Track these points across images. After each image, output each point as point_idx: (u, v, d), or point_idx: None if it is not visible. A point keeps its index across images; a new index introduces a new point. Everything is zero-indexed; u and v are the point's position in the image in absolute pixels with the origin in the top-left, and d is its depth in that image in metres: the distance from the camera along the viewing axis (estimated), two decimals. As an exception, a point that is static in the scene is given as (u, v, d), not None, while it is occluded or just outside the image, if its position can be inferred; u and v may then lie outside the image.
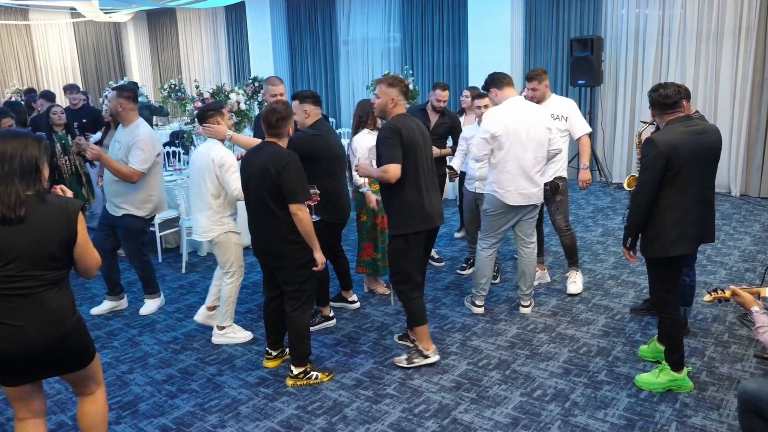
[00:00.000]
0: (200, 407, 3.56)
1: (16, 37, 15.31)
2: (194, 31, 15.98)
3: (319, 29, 13.24)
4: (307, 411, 3.47)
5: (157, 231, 6.17)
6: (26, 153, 2.33)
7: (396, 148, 3.61)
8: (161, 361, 4.16)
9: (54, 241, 2.35)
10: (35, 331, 2.35)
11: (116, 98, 4.60)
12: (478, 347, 4.18)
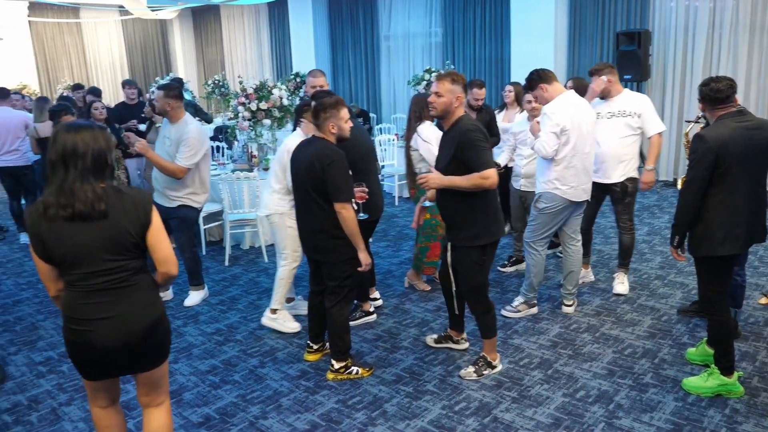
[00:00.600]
0: (242, 398, 3.62)
1: (68, 34, 15.77)
2: (237, 28, 16.19)
3: (360, 24, 13.26)
4: (348, 405, 3.49)
5: (202, 224, 6.28)
6: (96, 146, 2.29)
7: (489, 150, 3.43)
8: (205, 351, 4.24)
9: (135, 230, 2.34)
10: (131, 318, 2.36)
11: (163, 98, 4.70)
12: (519, 346, 4.13)
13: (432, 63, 11.98)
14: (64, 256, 2.28)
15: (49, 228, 2.26)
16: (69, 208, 2.23)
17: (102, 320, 2.32)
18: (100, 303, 2.33)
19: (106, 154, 2.32)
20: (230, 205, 6.10)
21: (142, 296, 2.41)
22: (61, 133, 2.28)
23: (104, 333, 2.33)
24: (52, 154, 2.27)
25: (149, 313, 2.42)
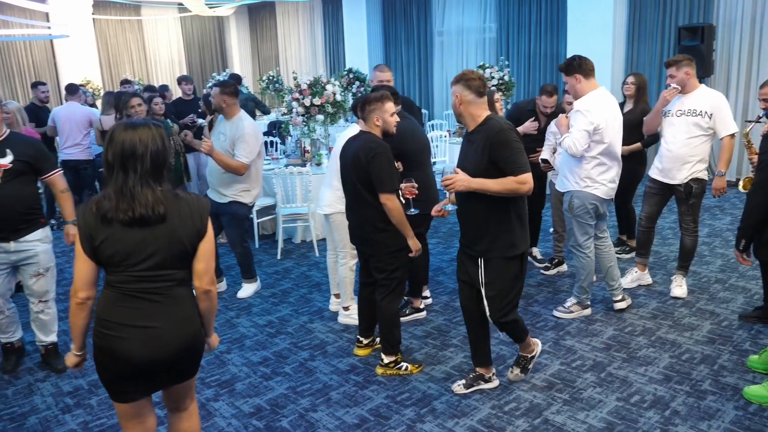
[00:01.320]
0: (293, 390, 3.67)
1: (130, 31, 16.29)
2: (292, 24, 16.39)
3: (413, 20, 13.23)
4: (396, 401, 3.50)
5: (255, 218, 6.39)
6: (154, 147, 2.20)
7: (524, 153, 3.12)
8: (257, 343, 4.32)
9: (189, 237, 2.26)
10: (171, 332, 2.25)
11: (219, 94, 4.81)
12: (572, 347, 4.06)
13: (486, 59, 11.86)
14: (112, 256, 2.20)
15: (103, 229, 2.18)
16: (129, 212, 2.16)
17: (136, 328, 2.21)
18: (137, 310, 2.22)
19: (164, 155, 2.25)
20: (283, 200, 6.20)
21: (181, 311, 2.30)
22: (119, 132, 2.21)
23: (136, 343, 2.21)
24: (109, 155, 2.19)
25: (187, 329, 2.31)
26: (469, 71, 3.23)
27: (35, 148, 3.72)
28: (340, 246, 4.40)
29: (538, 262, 5.64)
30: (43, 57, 14.92)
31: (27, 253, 3.74)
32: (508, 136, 3.07)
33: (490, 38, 12.12)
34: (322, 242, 6.52)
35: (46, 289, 3.88)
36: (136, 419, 2.39)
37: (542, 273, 5.47)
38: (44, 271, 3.83)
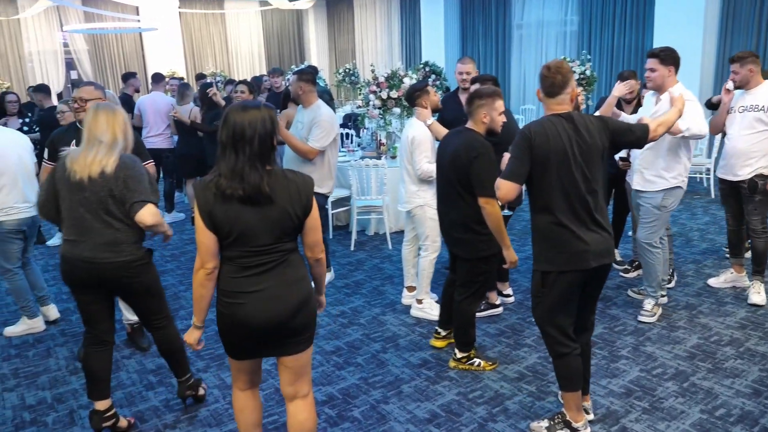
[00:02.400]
0: (365, 381, 3.70)
1: (213, 24, 16.83)
2: (369, 17, 16.49)
3: (492, 12, 13.04)
4: (468, 398, 3.47)
5: (330, 209, 6.48)
6: (262, 129, 2.29)
7: (520, 161, 2.83)
8: (330, 333, 4.39)
9: (297, 214, 2.38)
10: (285, 292, 2.39)
11: (297, 81, 4.89)
12: (652, 354, 3.90)
13: (567, 53, 11.56)
14: (230, 233, 2.33)
15: (221, 206, 2.31)
16: (239, 191, 2.27)
17: (254, 293, 2.36)
18: (253, 277, 2.37)
19: (273, 137, 2.34)
20: (358, 192, 6.25)
21: (293, 273, 2.43)
22: (232, 113, 2.31)
23: (256, 307, 2.36)
24: (223, 135, 2.31)
25: (299, 290, 2.43)
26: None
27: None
28: (423, 238, 4.41)
29: (618, 264, 5.45)
30: (133, 49, 15.64)
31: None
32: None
33: (571, 31, 11.80)
34: (396, 235, 6.54)
35: None
36: (246, 374, 2.61)
37: (621, 275, 5.29)
38: None
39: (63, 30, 14.38)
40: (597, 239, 2.85)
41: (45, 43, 14.39)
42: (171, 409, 3.49)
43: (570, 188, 2.79)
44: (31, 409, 3.54)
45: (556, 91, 2.84)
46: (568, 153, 2.76)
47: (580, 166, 2.78)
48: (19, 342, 4.42)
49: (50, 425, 3.38)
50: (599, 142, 2.83)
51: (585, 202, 2.82)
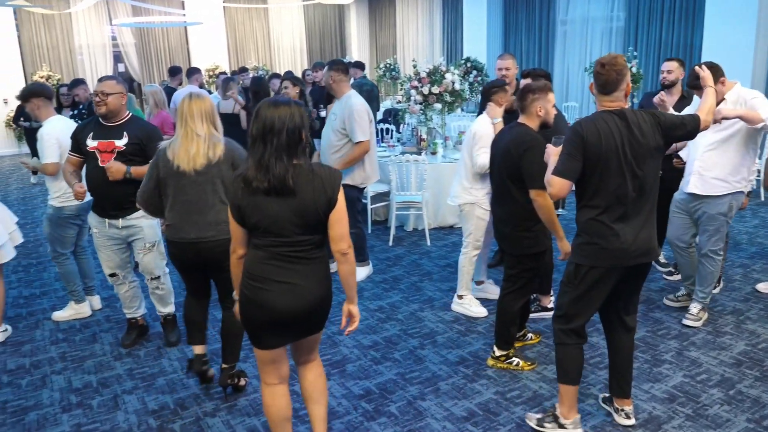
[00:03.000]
0: (402, 377, 3.70)
1: (256, 19, 17.00)
2: (411, 12, 16.44)
3: (536, 8, 12.86)
4: (506, 398, 3.44)
5: (369, 203, 6.49)
6: (291, 123, 2.37)
7: (573, 158, 2.79)
8: (368, 327, 4.40)
9: (321, 208, 2.44)
10: (309, 289, 2.49)
11: (328, 71, 4.93)
12: (696, 359, 3.80)
13: (612, 49, 11.34)
14: (257, 223, 2.43)
15: (247, 198, 2.41)
16: (264, 183, 2.37)
17: (280, 283, 2.46)
18: (280, 268, 2.46)
19: (301, 131, 2.40)
20: (397, 187, 6.25)
21: (319, 271, 2.53)
22: (263, 109, 2.40)
23: (280, 296, 2.46)
24: (253, 129, 2.39)
25: (322, 287, 2.55)
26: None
27: (147, 132, 3.81)
28: (466, 234, 4.41)
29: (662, 266, 5.32)
30: (178, 43, 15.91)
31: (134, 230, 3.91)
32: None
33: (617, 27, 11.55)
34: (434, 231, 6.52)
35: (154, 264, 3.99)
36: (272, 365, 2.69)
37: (665, 278, 5.16)
38: (150, 246, 3.95)
39: (111, 24, 14.72)
40: (639, 238, 2.81)
41: (94, 37, 14.75)
42: (211, 397, 3.55)
43: (617, 186, 2.76)
44: (77, 392, 3.65)
45: (611, 89, 2.79)
46: (619, 152, 2.73)
47: (630, 165, 2.75)
48: (66, 327, 4.56)
49: (95, 408, 3.47)
50: (652, 140, 2.78)
51: (632, 200, 2.78)
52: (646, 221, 2.85)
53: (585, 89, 12.00)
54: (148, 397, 3.57)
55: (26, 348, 4.24)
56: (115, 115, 3.78)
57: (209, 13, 15.27)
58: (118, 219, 3.87)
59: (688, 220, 4.21)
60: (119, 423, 3.33)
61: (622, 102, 2.82)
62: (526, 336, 4.05)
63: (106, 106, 3.71)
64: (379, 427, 3.22)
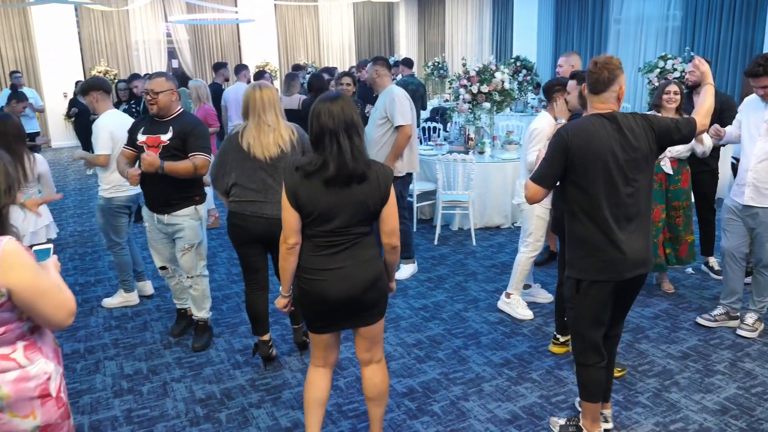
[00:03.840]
0: (445, 376, 3.69)
1: (306, 17, 17.17)
2: (460, 10, 16.34)
3: (589, 6, 12.62)
4: (551, 402, 3.39)
5: (415, 201, 6.48)
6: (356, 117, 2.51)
7: (550, 164, 2.72)
8: (412, 325, 4.40)
9: (375, 201, 2.54)
10: (358, 270, 2.57)
11: (373, 65, 4.98)
12: (751, 371, 3.67)
13: (668, 49, 11.02)
14: (311, 212, 2.51)
15: (306, 187, 2.49)
16: (335, 173, 2.45)
17: (332, 270, 2.55)
18: (330, 256, 2.56)
19: (362, 126, 2.54)
20: (444, 186, 6.22)
21: (366, 253, 2.61)
22: (324, 104, 2.49)
23: (333, 282, 2.55)
24: (329, 122, 2.46)
25: (371, 269, 2.60)
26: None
27: (191, 126, 3.80)
28: (526, 234, 4.37)
29: (715, 273, 5.15)
30: (230, 40, 16.20)
31: (177, 227, 3.92)
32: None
33: (673, 27, 11.23)
34: (480, 231, 6.47)
35: (191, 265, 4.00)
36: (324, 350, 2.78)
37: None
38: (189, 246, 3.95)
39: (167, 21, 15.09)
40: (634, 248, 2.70)
41: (150, 33, 15.15)
42: (256, 389, 3.61)
43: (609, 193, 2.65)
44: (128, 378, 3.76)
45: (601, 89, 2.69)
46: (609, 157, 2.63)
47: (622, 170, 2.64)
48: (119, 314, 4.70)
49: (145, 395, 3.58)
50: (645, 145, 2.69)
51: (625, 208, 2.68)
52: (641, 230, 2.74)
53: (638, 90, 11.72)
54: (195, 385, 3.66)
55: (81, 333, 4.40)
56: (167, 111, 3.81)
57: (261, 10, 15.50)
58: (164, 215, 3.91)
59: (745, 228, 4.05)
60: (168, 410, 3.42)
61: (613, 105, 2.72)
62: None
63: (156, 104, 3.75)
64: (421, 426, 3.22)
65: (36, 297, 1.83)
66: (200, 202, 3.98)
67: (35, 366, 1.93)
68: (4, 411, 1.88)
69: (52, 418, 1.96)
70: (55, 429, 1.99)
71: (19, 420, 1.90)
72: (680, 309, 4.54)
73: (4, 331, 1.85)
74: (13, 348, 1.89)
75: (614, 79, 2.67)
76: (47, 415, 1.95)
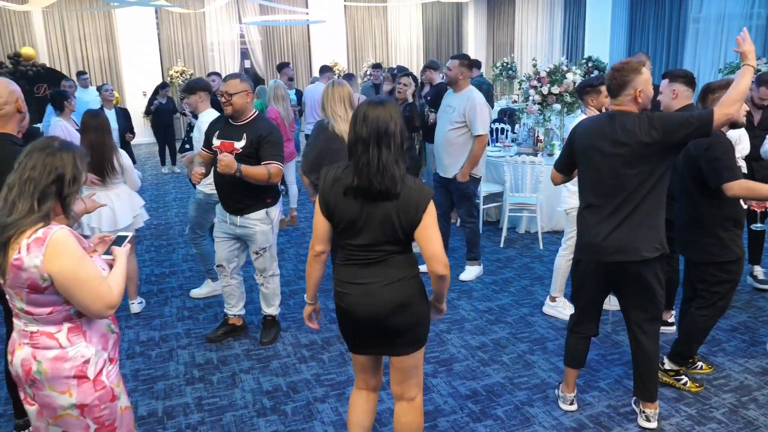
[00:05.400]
0: (509, 381, 3.65)
1: (375, 17, 17.28)
2: (531, 11, 16.07)
3: (666, 5, 12.17)
4: (619, 412, 3.30)
5: (482, 203, 6.43)
6: (401, 125, 2.34)
7: (563, 153, 3.20)
8: (476, 328, 4.37)
9: (402, 224, 2.32)
10: (383, 289, 2.38)
11: (458, 66, 4.93)
12: (839, 391, 3.46)
13: (751, 49, 10.48)
14: (339, 223, 2.38)
15: (336, 197, 2.36)
16: (368, 184, 2.28)
17: (357, 285, 2.41)
18: (357, 269, 2.41)
19: (402, 134, 2.34)
20: (511, 188, 6.14)
21: (397, 273, 2.39)
22: (371, 109, 2.32)
23: (357, 299, 2.41)
24: (363, 131, 2.30)
25: (399, 291, 2.39)
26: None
27: (263, 134, 3.78)
28: (566, 237, 4.37)
29: (759, 282, 4.89)
30: (300, 41, 16.50)
31: (248, 231, 3.95)
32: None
33: (758, 25, 10.69)
34: (547, 235, 6.35)
35: (264, 266, 4.09)
36: (363, 373, 2.67)
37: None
38: (260, 251, 4.01)
39: (241, 22, 15.52)
40: (613, 236, 2.88)
41: (224, 34, 15.61)
42: (321, 384, 3.67)
43: (597, 183, 2.91)
44: (199, 367, 3.90)
45: (615, 93, 2.88)
46: (596, 150, 2.89)
47: (608, 162, 2.85)
48: (192, 305, 4.88)
49: (215, 384, 3.70)
50: (636, 141, 2.77)
51: (612, 197, 2.87)
52: (629, 221, 2.86)
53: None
54: (263, 378, 3.76)
55: (156, 322, 4.59)
56: (241, 114, 3.82)
57: (331, 11, 15.71)
58: (237, 216, 3.93)
59: None
60: (236, 400, 3.53)
61: (629, 106, 2.86)
62: (695, 364, 3.69)
63: (231, 106, 3.77)
64: (484, 429, 3.20)
65: (75, 285, 1.95)
66: (272, 205, 4.00)
67: (74, 348, 2.04)
68: (45, 384, 2.03)
69: (88, 399, 2.06)
70: (94, 410, 2.08)
71: (57, 394, 2.04)
72: (760, 323, 4.32)
73: (50, 311, 2.00)
74: (58, 328, 2.03)
75: (628, 83, 2.82)
76: (83, 395, 2.05)
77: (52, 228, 1.95)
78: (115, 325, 2.22)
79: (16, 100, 2.88)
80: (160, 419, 3.36)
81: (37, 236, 1.92)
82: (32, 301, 1.98)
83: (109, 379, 2.12)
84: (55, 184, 1.98)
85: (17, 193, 1.95)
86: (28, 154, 2.01)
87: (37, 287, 1.94)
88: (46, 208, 1.96)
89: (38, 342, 2.03)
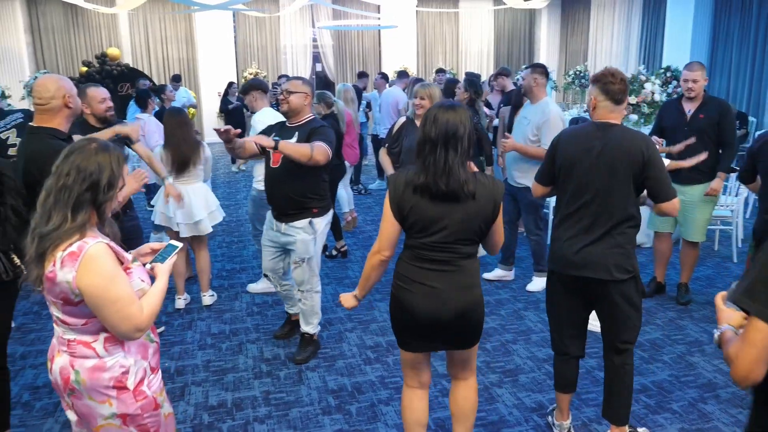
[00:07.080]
0: (578, 397, 3.57)
1: (446, 23, 17.28)
2: (607, 18, 15.69)
3: (753, 14, 11.62)
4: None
5: (551, 213, 6.32)
6: (471, 127, 2.39)
7: (544, 163, 3.03)
8: (543, 339, 4.30)
9: (482, 219, 2.42)
10: (451, 295, 2.44)
11: (531, 74, 4.86)
12: None
13: None
14: (414, 224, 2.43)
15: (411, 198, 2.40)
16: (443, 186, 2.34)
17: (422, 285, 2.46)
18: (426, 270, 2.45)
19: (470, 139, 2.40)
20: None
21: (465, 280, 2.48)
22: (442, 113, 2.38)
23: (421, 299, 2.45)
24: (432, 132, 2.36)
25: (467, 296, 2.48)
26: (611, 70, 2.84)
27: (315, 128, 3.73)
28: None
29: None
30: (371, 45, 16.69)
31: (290, 239, 3.83)
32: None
33: None
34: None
35: (302, 279, 3.90)
36: (413, 369, 2.69)
37: None
38: (300, 261, 3.86)
39: (314, 26, 15.83)
40: (584, 250, 2.79)
41: (297, 38, 15.97)
42: (385, 386, 3.70)
43: (576, 196, 2.81)
44: (267, 362, 4.00)
45: (620, 100, 2.81)
46: (582, 162, 2.78)
47: (591, 178, 2.76)
48: (260, 301, 5.01)
49: (282, 379, 3.79)
50: (626, 161, 2.70)
51: (588, 212, 2.78)
52: (606, 239, 2.78)
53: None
54: (328, 376, 3.82)
55: (227, 316, 4.73)
56: (297, 114, 3.82)
57: (402, 17, 15.81)
58: (282, 222, 3.85)
59: None
60: (302, 396, 3.60)
61: (617, 118, 2.82)
62: None
63: (288, 103, 3.79)
64: (550, 443, 3.15)
65: (104, 304, 1.90)
66: (317, 215, 3.85)
67: (113, 358, 2.00)
68: (84, 394, 2.00)
69: (130, 409, 2.02)
70: (136, 419, 2.03)
71: (96, 404, 2.00)
72: None
73: (85, 322, 1.96)
74: (95, 338, 1.99)
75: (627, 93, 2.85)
76: (124, 405, 2.01)
77: (87, 242, 1.90)
78: (154, 334, 2.18)
79: (63, 95, 2.93)
80: (229, 410, 3.46)
81: (71, 250, 1.88)
82: (67, 312, 1.96)
83: (151, 389, 2.08)
84: (90, 191, 1.91)
85: (53, 202, 1.91)
86: (65, 157, 1.95)
87: (69, 301, 1.92)
88: (81, 219, 1.91)
89: (75, 351, 1.99)
